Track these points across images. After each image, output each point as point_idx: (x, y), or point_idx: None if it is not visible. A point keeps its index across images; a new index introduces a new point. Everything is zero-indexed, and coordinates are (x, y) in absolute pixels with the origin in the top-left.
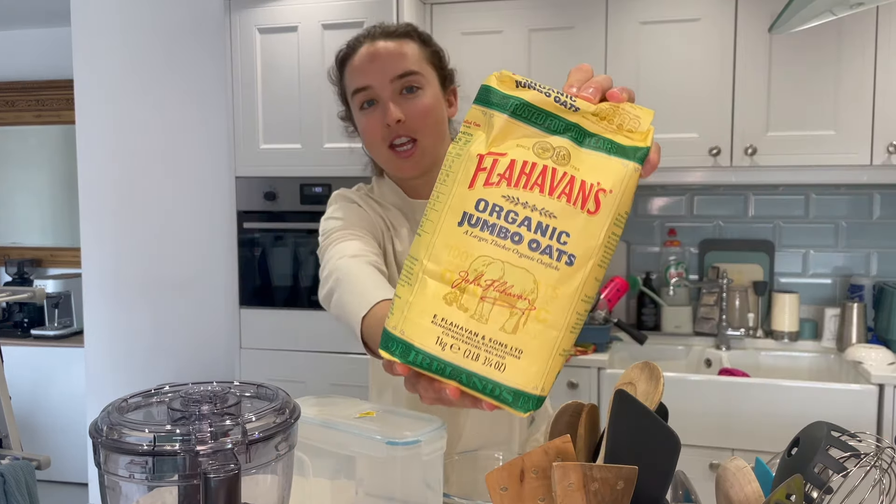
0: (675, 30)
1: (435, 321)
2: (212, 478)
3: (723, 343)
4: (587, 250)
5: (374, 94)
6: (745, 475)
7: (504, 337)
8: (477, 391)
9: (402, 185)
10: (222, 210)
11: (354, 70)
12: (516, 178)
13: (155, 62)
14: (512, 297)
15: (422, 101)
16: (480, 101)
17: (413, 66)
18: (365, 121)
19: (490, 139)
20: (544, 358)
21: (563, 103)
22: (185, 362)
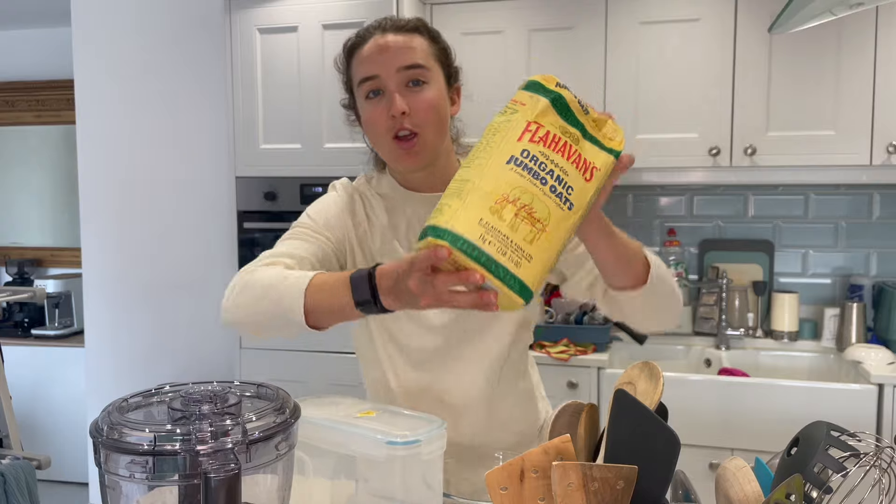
0: (674, 30)
1: (480, 223)
2: (212, 477)
3: (722, 343)
4: (580, 204)
5: (381, 83)
6: (744, 475)
7: (524, 245)
8: (497, 278)
9: (400, 178)
10: (222, 210)
11: (363, 60)
12: (549, 142)
13: (155, 62)
14: (534, 220)
15: (427, 95)
16: (528, 88)
17: (420, 60)
18: (370, 110)
19: (535, 114)
20: (544, 267)
21: (581, 105)
22: (185, 362)
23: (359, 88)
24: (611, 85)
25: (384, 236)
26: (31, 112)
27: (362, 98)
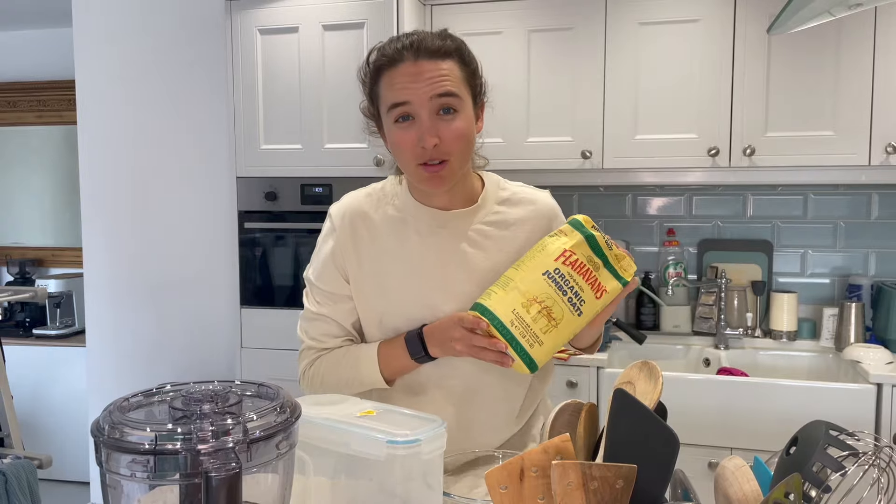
0: (674, 30)
1: (513, 312)
2: (213, 476)
3: (721, 342)
4: (588, 313)
5: (413, 110)
6: (743, 474)
7: (539, 333)
8: (515, 351)
9: (416, 193)
10: (223, 210)
11: (394, 84)
12: (576, 266)
13: (156, 63)
14: (551, 317)
15: (457, 125)
16: (573, 224)
17: (453, 87)
18: (399, 135)
19: (571, 244)
20: (550, 351)
21: (607, 243)
22: (186, 361)
23: (389, 112)
24: (610, 85)
25: (385, 256)
26: (32, 112)
27: (391, 120)
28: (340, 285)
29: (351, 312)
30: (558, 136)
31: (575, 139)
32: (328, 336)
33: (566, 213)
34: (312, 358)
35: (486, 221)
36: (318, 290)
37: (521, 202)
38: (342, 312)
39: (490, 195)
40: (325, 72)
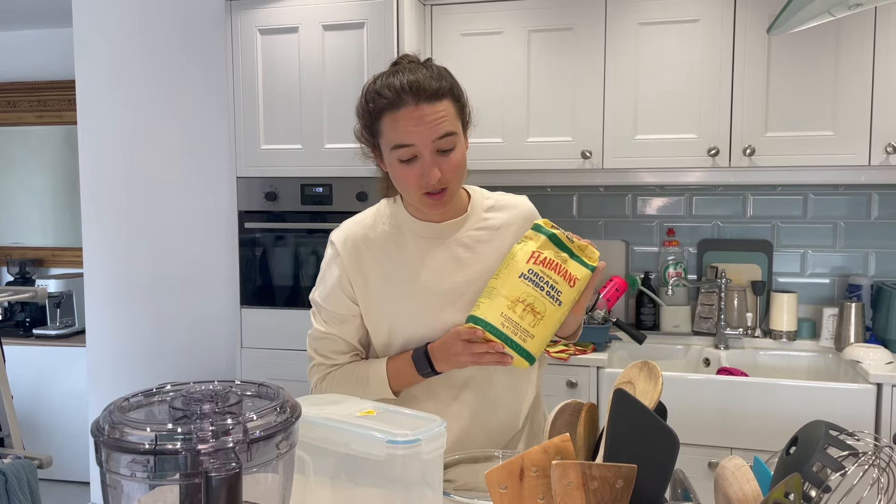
0: (673, 31)
1: (501, 315)
2: (213, 476)
3: (721, 342)
4: (566, 301)
5: (417, 151)
6: (743, 474)
7: (529, 328)
8: (511, 349)
9: (412, 211)
10: (223, 210)
11: (398, 127)
12: (546, 264)
13: (156, 63)
14: (535, 312)
15: (455, 159)
16: (535, 228)
17: (451, 127)
18: (404, 172)
19: (537, 245)
20: (542, 342)
21: (568, 237)
22: (186, 361)
23: (392, 151)
24: (610, 85)
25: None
26: (32, 112)
27: (394, 158)
28: (347, 307)
29: (357, 330)
30: (558, 136)
31: (575, 139)
32: (337, 353)
33: (565, 213)
34: (323, 374)
35: (477, 228)
36: (325, 311)
37: (504, 207)
38: (349, 331)
39: (477, 205)
40: (325, 72)
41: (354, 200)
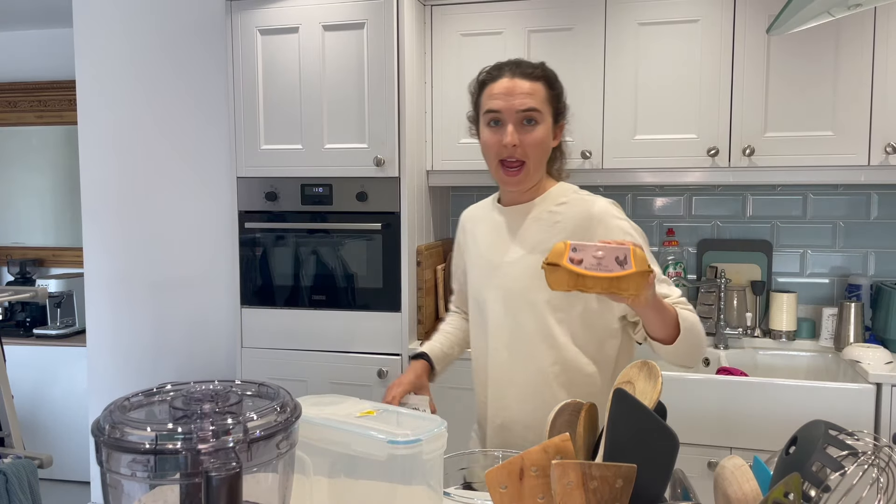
0: (673, 31)
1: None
2: (213, 476)
3: (721, 342)
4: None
5: (501, 117)
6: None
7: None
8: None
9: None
10: (224, 210)
11: (492, 94)
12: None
13: (156, 63)
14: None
15: (536, 134)
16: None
17: (537, 105)
18: (488, 135)
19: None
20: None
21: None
22: (186, 361)
23: (484, 115)
24: (610, 85)
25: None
26: (32, 112)
27: (484, 124)
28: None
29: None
30: None
31: (574, 139)
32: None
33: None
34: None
35: (539, 216)
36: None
37: (576, 204)
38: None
39: (552, 196)
40: (325, 72)
41: (354, 200)
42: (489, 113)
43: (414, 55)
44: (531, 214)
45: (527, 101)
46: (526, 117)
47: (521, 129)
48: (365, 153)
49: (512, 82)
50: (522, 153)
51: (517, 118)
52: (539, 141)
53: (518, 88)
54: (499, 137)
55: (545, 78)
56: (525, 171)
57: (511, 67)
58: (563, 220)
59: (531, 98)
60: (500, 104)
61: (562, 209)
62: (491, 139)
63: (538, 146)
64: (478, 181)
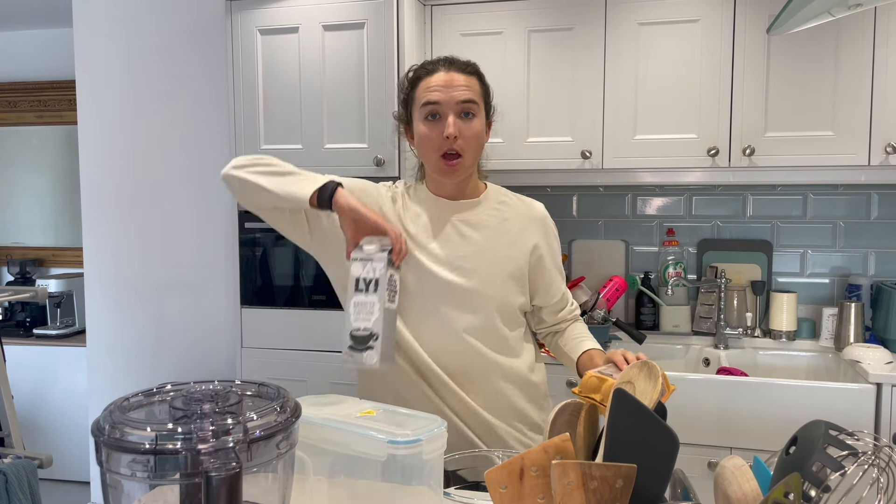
0: (673, 31)
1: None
2: (213, 476)
3: (721, 342)
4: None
5: (440, 109)
6: (743, 473)
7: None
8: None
9: (433, 188)
10: (224, 210)
11: (430, 87)
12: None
13: (156, 63)
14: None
15: (474, 126)
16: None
17: (474, 97)
18: (426, 129)
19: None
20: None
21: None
22: (186, 361)
23: (420, 109)
24: (610, 85)
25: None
26: (32, 112)
27: (421, 118)
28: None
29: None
30: (558, 136)
31: (575, 139)
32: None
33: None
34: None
35: (487, 214)
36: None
37: (517, 205)
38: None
39: (492, 196)
40: (325, 72)
41: None
42: (427, 105)
43: (414, 55)
44: (478, 210)
45: (465, 93)
46: (464, 109)
47: (460, 121)
48: (365, 153)
49: (449, 75)
50: (461, 145)
51: (456, 110)
52: (476, 132)
53: (455, 81)
54: (439, 130)
55: (477, 74)
56: (462, 164)
57: (445, 63)
58: (510, 217)
59: (469, 90)
60: (439, 96)
61: (505, 208)
62: (431, 132)
63: (476, 138)
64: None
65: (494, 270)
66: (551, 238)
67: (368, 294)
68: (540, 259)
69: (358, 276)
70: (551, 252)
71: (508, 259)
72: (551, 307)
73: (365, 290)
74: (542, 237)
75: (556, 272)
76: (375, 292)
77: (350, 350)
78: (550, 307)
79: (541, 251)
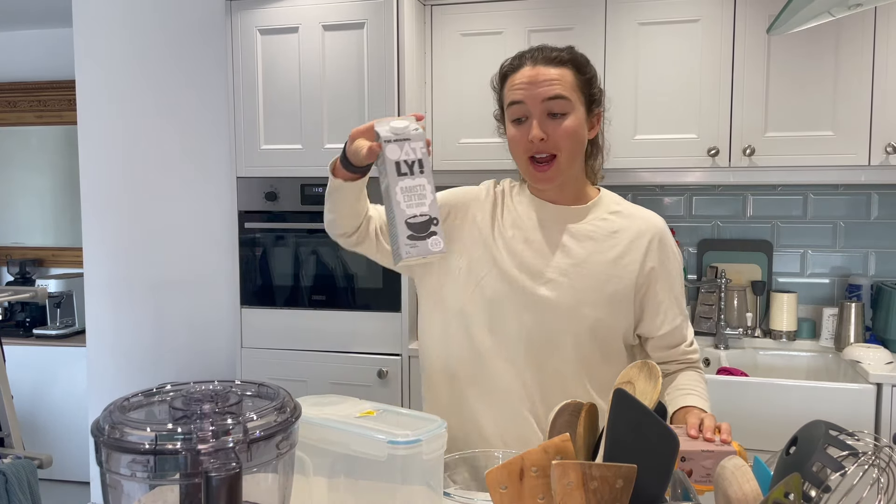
0: (673, 31)
1: None
2: (213, 476)
3: (721, 342)
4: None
5: (526, 110)
6: (743, 474)
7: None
8: None
9: (533, 189)
10: (223, 210)
11: (514, 86)
12: None
13: (156, 63)
14: None
15: (565, 125)
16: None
17: (563, 92)
18: (513, 132)
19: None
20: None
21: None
22: (186, 361)
23: (507, 110)
24: (610, 85)
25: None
26: (32, 112)
27: (509, 119)
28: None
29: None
30: None
31: None
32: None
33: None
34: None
35: (593, 224)
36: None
37: (631, 216)
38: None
39: (604, 203)
40: (325, 72)
41: None
42: (512, 106)
43: (414, 55)
44: (584, 218)
45: (552, 89)
46: (552, 108)
47: (549, 120)
48: None
49: (535, 70)
50: (553, 146)
51: (542, 108)
52: (569, 132)
53: (542, 76)
54: (525, 132)
55: (573, 62)
56: (556, 166)
57: (533, 54)
58: (621, 229)
59: (557, 85)
60: (522, 94)
61: (617, 218)
62: (517, 135)
63: (569, 137)
64: (478, 181)
65: (592, 288)
66: (669, 257)
67: (415, 177)
68: (650, 280)
69: (397, 158)
70: (666, 274)
71: (611, 277)
72: (658, 340)
73: (410, 174)
74: (657, 255)
75: (670, 299)
76: (423, 174)
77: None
78: (657, 340)
79: (652, 271)
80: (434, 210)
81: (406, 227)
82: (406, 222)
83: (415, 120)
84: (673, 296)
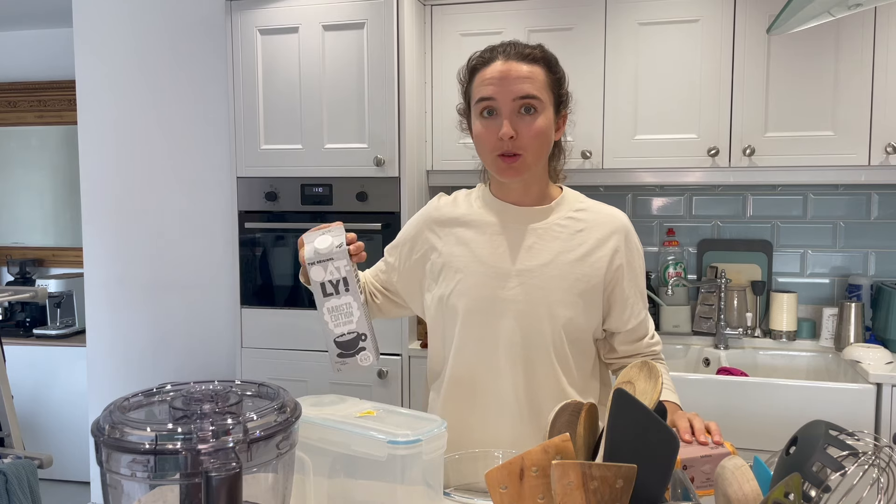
0: (673, 31)
1: None
2: (213, 476)
3: (721, 342)
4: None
5: (496, 106)
6: (743, 474)
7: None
8: None
9: (496, 191)
10: (223, 210)
11: (484, 80)
12: None
13: (156, 63)
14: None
15: (535, 124)
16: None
17: (535, 90)
18: (481, 128)
19: None
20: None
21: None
22: (186, 361)
23: (476, 104)
24: (610, 85)
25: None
26: (32, 112)
27: (477, 114)
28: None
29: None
30: None
31: (575, 139)
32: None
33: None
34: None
35: (559, 223)
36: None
37: (597, 213)
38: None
39: (567, 202)
40: (325, 72)
41: (354, 200)
42: (481, 101)
43: (414, 55)
44: (548, 218)
45: (524, 87)
46: (523, 105)
47: (519, 118)
48: (365, 153)
49: (507, 66)
50: (520, 145)
51: (513, 107)
52: (538, 130)
53: (514, 72)
54: (494, 129)
55: (544, 60)
56: (523, 163)
57: (505, 49)
58: (586, 228)
59: (529, 83)
60: (493, 90)
61: (582, 216)
62: (485, 131)
63: (537, 137)
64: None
65: (562, 288)
66: (633, 254)
67: (341, 296)
68: (618, 277)
69: (322, 280)
70: (631, 270)
71: (580, 276)
72: (625, 335)
73: (335, 293)
74: (624, 252)
75: (636, 294)
76: (348, 291)
77: (340, 358)
78: (624, 334)
79: (619, 268)
80: (362, 325)
81: (335, 345)
82: (335, 341)
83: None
84: (638, 290)
